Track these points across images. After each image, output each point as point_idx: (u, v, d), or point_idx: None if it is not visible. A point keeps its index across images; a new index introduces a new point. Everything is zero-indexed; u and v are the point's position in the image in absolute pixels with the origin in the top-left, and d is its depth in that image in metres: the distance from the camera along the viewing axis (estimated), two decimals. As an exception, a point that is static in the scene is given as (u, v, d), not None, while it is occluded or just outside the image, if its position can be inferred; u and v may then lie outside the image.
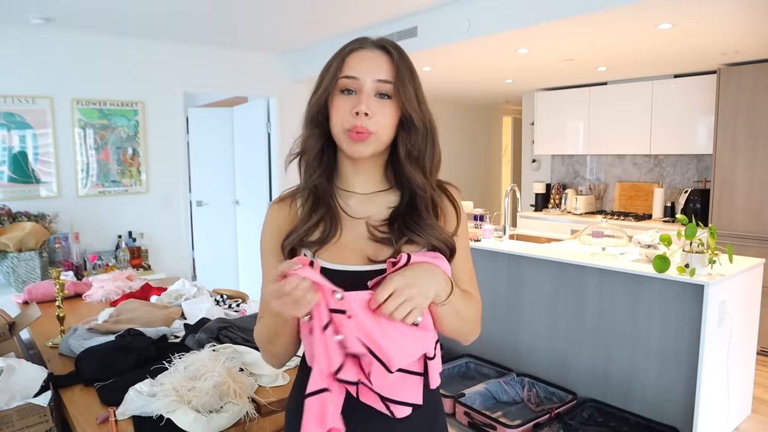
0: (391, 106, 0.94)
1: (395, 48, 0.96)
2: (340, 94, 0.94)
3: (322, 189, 0.99)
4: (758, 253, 3.60)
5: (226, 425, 1.39)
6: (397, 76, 0.93)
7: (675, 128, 4.77)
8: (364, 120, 0.91)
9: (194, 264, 5.19)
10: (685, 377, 2.69)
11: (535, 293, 3.35)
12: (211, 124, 5.34)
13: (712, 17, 2.93)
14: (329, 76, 0.95)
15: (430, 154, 0.98)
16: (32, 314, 1.89)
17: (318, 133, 0.98)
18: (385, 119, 0.93)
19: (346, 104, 0.93)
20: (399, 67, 0.94)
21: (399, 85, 0.93)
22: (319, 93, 0.96)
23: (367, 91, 0.92)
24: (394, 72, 0.93)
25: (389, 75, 0.93)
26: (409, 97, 0.94)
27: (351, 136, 0.92)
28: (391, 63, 0.94)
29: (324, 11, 3.51)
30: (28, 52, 3.75)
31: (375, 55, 0.95)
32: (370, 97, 0.93)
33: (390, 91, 0.93)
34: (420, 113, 0.95)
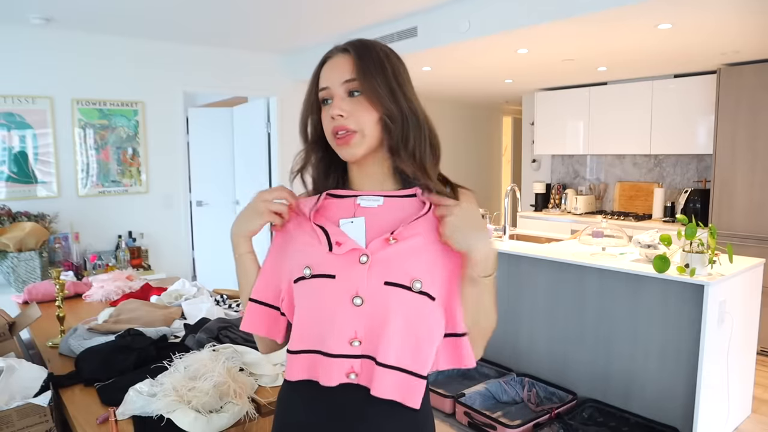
0: (365, 101, 0.94)
1: (359, 46, 0.97)
2: (323, 106, 0.98)
3: None
4: (758, 253, 3.60)
5: (226, 425, 1.39)
6: (360, 72, 0.93)
7: (675, 128, 4.77)
8: (341, 121, 0.94)
9: (194, 264, 5.19)
10: (685, 377, 2.69)
11: (535, 293, 3.35)
12: (211, 124, 5.34)
13: (713, 17, 2.92)
14: (309, 94, 1.00)
15: (419, 142, 0.96)
16: (32, 314, 1.89)
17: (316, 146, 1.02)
18: (363, 115, 0.94)
19: (326, 114, 0.97)
20: (363, 63, 0.94)
21: (363, 80, 0.93)
22: (303, 110, 1.02)
23: (338, 94, 0.95)
24: (356, 69, 0.94)
25: (352, 73, 0.94)
26: (380, 90, 0.94)
27: (338, 142, 0.95)
28: (352, 61, 0.95)
29: (324, 11, 3.51)
30: (28, 52, 3.75)
31: (339, 59, 0.97)
32: (343, 99, 0.95)
33: (358, 87, 0.94)
34: (395, 104, 0.95)
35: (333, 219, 0.97)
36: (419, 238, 0.93)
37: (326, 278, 0.92)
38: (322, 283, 0.92)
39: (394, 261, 0.91)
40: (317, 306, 0.93)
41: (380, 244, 0.92)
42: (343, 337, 0.91)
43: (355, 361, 0.91)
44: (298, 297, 0.96)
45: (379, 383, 0.90)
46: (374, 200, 0.97)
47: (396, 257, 0.91)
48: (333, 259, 0.92)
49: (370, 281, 0.90)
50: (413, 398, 0.91)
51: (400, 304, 0.90)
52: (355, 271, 0.91)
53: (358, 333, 0.91)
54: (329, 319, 0.92)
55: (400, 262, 0.91)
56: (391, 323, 0.89)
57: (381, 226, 0.95)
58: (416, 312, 0.90)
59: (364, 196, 0.98)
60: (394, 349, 0.90)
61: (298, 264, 0.96)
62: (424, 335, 0.91)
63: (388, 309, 0.89)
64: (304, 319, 0.95)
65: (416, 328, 0.90)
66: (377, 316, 0.90)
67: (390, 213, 0.96)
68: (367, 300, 0.90)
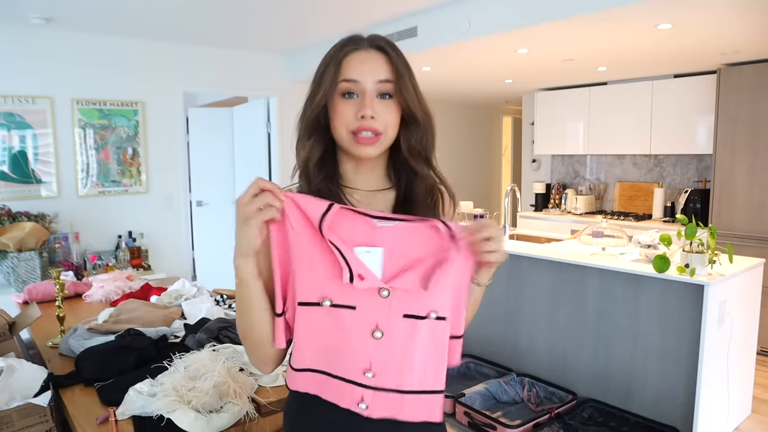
0: (394, 104, 0.94)
1: (391, 46, 0.96)
2: (341, 97, 0.94)
3: (326, 190, 0.97)
4: (758, 253, 3.60)
5: (226, 425, 1.39)
6: (396, 74, 0.93)
7: (675, 128, 4.77)
8: (370, 122, 0.92)
9: (194, 264, 5.19)
10: (685, 377, 2.69)
11: (535, 293, 3.35)
12: (211, 124, 5.34)
13: (713, 17, 2.92)
14: (328, 80, 0.93)
15: (431, 144, 1.00)
16: (32, 314, 1.90)
17: (319, 138, 0.98)
18: (390, 118, 0.94)
19: (349, 108, 0.93)
20: (397, 65, 0.94)
21: (400, 84, 0.93)
22: (318, 98, 0.95)
23: (369, 93, 0.92)
24: (393, 71, 0.94)
25: (389, 75, 0.93)
26: (410, 94, 0.94)
27: (358, 140, 0.93)
28: (389, 62, 0.94)
29: (324, 11, 3.51)
30: (28, 52, 3.75)
31: (372, 55, 0.94)
32: (374, 98, 0.93)
33: (391, 90, 0.94)
34: (420, 108, 0.96)
35: (348, 239, 0.89)
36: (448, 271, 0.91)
37: (346, 309, 0.90)
38: (341, 314, 0.90)
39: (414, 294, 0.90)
40: (334, 335, 0.90)
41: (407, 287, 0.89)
42: (357, 367, 0.90)
43: (367, 391, 0.91)
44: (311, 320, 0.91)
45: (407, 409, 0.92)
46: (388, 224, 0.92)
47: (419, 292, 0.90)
48: (353, 289, 0.88)
49: (390, 314, 0.90)
50: (437, 412, 0.94)
51: (419, 334, 0.90)
52: (375, 303, 0.89)
53: (374, 365, 0.90)
54: (345, 348, 0.90)
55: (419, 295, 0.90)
56: (411, 354, 0.90)
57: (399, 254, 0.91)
58: (433, 338, 0.92)
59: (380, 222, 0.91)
60: (417, 376, 0.91)
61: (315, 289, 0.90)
62: (441, 354, 0.93)
63: (408, 341, 0.90)
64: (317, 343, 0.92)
65: (435, 351, 0.93)
66: (396, 349, 0.90)
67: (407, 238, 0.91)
68: (386, 333, 0.89)
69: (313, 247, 0.89)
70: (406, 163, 1.00)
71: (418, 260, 0.90)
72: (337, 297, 0.89)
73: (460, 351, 0.97)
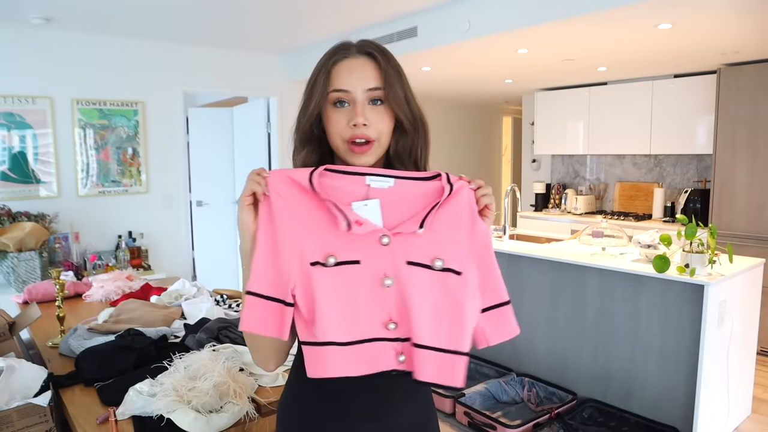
0: (385, 110, 0.95)
1: (380, 51, 0.96)
2: (332, 107, 0.95)
3: None
4: (758, 253, 3.60)
5: (226, 425, 1.39)
6: (386, 81, 0.94)
7: (675, 128, 4.77)
8: (362, 129, 0.93)
9: (194, 264, 5.19)
10: (685, 377, 2.69)
11: (535, 293, 3.35)
12: (211, 124, 5.34)
13: (713, 17, 2.92)
14: (318, 91, 0.94)
15: (422, 148, 1.00)
16: (32, 314, 1.90)
17: (313, 147, 1.00)
18: (382, 124, 0.95)
19: (341, 117, 0.94)
20: (387, 71, 0.94)
21: (389, 90, 0.94)
22: (311, 109, 0.96)
23: (360, 101, 0.93)
24: (382, 78, 0.94)
25: (378, 81, 0.94)
26: (399, 100, 0.95)
27: (353, 149, 0.94)
28: (378, 69, 0.94)
29: (324, 11, 3.51)
30: (28, 52, 3.75)
31: (361, 62, 0.94)
32: (365, 106, 0.93)
33: (381, 96, 0.94)
34: (410, 113, 0.97)
35: (341, 199, 0.90)
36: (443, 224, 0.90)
37: (352, 264, 0.88)
38: (349, 270, 0.88)
39: (415, 241, 0.89)
40: (346, 294, 0.88)
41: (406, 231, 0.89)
42: (378, 321, 0.88)
43: (397, 344, 0.89)
44: (320, 285, 0.87)
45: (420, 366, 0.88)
46: (385, 181, 0.92)
47: (417, 238, 0.89)
48: (353, 241, 0.88)
49: (395, 262, 0.88)
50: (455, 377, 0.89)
51: (423, 284, 0.88)
52: (378, 252, 0.88)
53: (392, 315, 0.88)
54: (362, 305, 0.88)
55: (421, 242, 0.89)
56: (417, 304, 0.88)
57: (397, 209, 0.91)
58: (442, 290, 0.89)
59: (374, 177, 0.91)
60: (426, 329, 0.88)
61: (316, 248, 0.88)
62: (455, 312, 0.89)
63: (413, 289, 0.88)
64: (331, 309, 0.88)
65: (445, 306, 0.89)
66: (405, 297, 0.88)
67: (404, 196, 0.91)
68: (396, 280, 0.88)
69: (308, 211, 0.90)
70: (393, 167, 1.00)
71: (416, 210, 0.90)
72: (340, 252, 0.88)
73: (513, 320, 0.94)
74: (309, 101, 0.96)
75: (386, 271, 0.88)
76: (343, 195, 0.90)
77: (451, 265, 0.89)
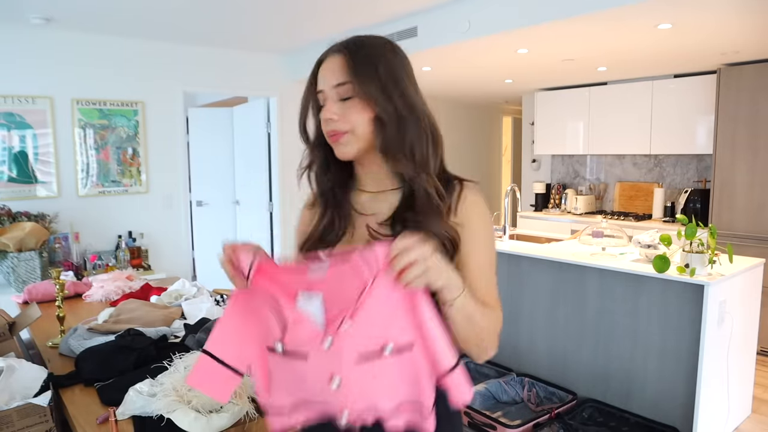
0: (356, 104, 0.93)
1: (352, 45, 0.95)
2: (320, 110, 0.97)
3: (330, 193, 1.03)
4: (758, 253, 3.60)
5: (226, 425, 1.39)
6: (351, 73, 0.92)
7: (675, 128, 4.77)
8: (333, 124, 0.94)
9: (194, 264, 5.19)
10: (685, 377, 2.69)
11: (535, 293, 3.35)
12: (211, 124, 5.34)
13: (713, 17, 2.92)
14: (308, 94, 0.99)
15: (419, 139, 0.95)
16: (32, 314, 1.89)
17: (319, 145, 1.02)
18: (354, 116, 0.93)
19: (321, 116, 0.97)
20: (353, 64, 0.92)
21: (355, 82, 0.92)
22: (301, 112, 1.00)
23: (330, 99, 0.95)
24: (348, 72, 0.92)
25: (344, 76, 0.92)
26: (370, 93, 0.92)
27: (331, 140, 0.96)
28: (344, 64, 0.93)
29: (324, 11, 3.51)
30: (28, 52, 3.75)
31: (331, 61, 0.95)
32: (334, 103, 0.94)
33: (348, 92, 0.93)
34: (389, 103, 0.92)
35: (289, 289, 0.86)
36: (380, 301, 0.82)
37: (299, 359, 0.85)
38: (297, 365, 0.85)
39: (358, 332, 0.82)
40: (296, 385, 0.86)
41: (338, 327, 0.82)
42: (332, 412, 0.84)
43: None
44: (273, 369, 0.88)
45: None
46: (320, 267, 0.85)
47: (358, 329, 0.82)
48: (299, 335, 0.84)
49: (340, 361, 0.82)
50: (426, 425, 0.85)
51: (375, 374, 0.83)
52: (323, 353, 0.83)
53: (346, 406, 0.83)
54: (313, 396, 0.85)
55: (364, 330, 0.82)
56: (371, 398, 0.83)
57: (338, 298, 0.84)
58: (396, 372, 0.83)
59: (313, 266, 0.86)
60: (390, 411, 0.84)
61: (272, 332, 0.86)
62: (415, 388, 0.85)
63: (365, 388, 0.83)
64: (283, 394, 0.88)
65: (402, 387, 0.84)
66: (360, 395, 0.83)
67: (342, 280, 0.84)
68: (344, 380, 0.82)
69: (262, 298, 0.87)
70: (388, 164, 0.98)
71: (355, 295, 0.82)
72: (290, 342, 0.85)
73: (463, 385, 0.84)
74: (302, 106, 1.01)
75: (333, 371, 0.82)
76: (293, 285, 0.86)
77: (403, 341, 0.83)
